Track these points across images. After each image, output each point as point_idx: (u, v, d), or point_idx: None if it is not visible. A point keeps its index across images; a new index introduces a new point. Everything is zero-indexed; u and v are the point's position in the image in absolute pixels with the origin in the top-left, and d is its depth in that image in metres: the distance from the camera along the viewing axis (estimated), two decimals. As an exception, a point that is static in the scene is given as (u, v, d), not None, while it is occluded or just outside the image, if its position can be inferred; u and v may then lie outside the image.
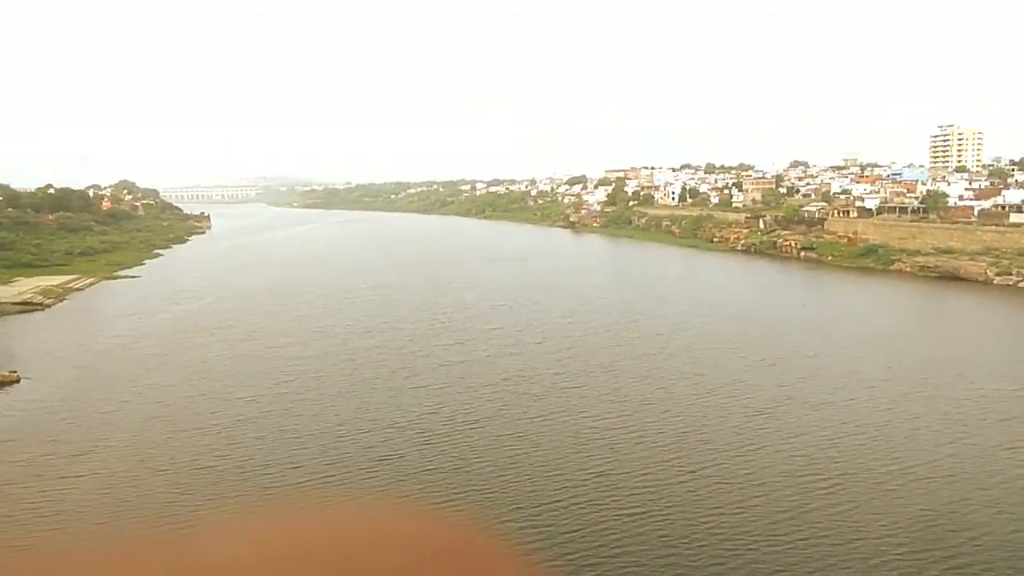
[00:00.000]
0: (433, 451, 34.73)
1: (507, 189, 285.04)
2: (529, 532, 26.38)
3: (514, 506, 28.53)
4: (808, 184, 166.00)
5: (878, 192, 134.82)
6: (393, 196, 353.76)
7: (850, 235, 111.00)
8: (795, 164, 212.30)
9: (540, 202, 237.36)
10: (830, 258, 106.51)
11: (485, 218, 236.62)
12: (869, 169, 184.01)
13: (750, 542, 25.27)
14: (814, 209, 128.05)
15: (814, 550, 24.73)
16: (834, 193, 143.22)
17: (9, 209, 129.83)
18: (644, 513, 27.53)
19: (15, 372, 49.37)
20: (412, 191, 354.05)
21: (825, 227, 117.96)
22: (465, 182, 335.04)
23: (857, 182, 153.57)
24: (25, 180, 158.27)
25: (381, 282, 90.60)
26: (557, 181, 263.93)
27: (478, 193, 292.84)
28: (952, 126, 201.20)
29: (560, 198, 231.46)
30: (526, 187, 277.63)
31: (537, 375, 47.38)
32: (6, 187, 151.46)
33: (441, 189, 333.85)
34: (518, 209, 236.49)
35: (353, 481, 31.55)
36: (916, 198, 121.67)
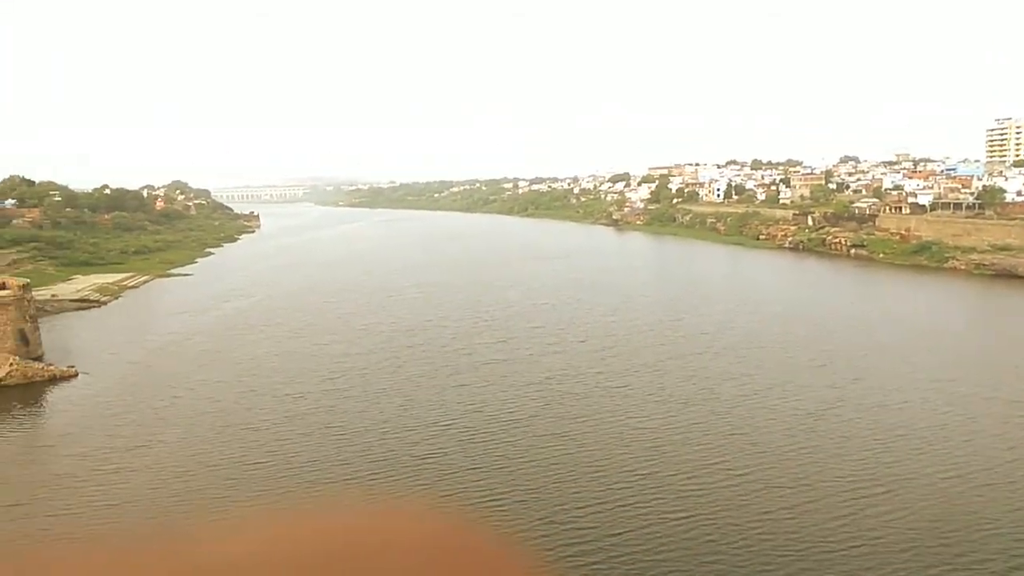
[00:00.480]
0: (477, 449, 34.79)
1: (549, 187, 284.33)
2: (573, 532, 26.23)
3: (558, 506, 28.40)
4: (859, 180, 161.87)
5: (931, 188, 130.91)
6: (436, 195, 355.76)
7: (902, 232, 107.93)
8: (845, 159, 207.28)
9: (583, 200, 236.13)
10: (881, 255, 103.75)
11: (528, 216, 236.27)
12: (922, 164, 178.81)
13: (802, 549, 24.71)
14: (865, 205, 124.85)
15: (868, 558, 24.06)
16: (886, 189, 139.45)
17: (67, 209, 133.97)
18: (691, 516, 27.14)
19: (73, 367, 50.98)
20: (455, 190, 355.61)
21: (876, 224, 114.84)
22: (508, 180, 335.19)
23: (909, 177, 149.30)
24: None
25: (425, 280, 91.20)
26: (600, 179, 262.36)
27: (520, 191, 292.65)
28: (1010, 119, 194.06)
29: (603, 196, 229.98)
30: (568, 185, 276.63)
31: (580, 374, 47.11)
32: (64, 188, 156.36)
33: (484, 188, 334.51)
34: (561, 207, 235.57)
35: (398, 478, 31.78)
36: (971, 194, 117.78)
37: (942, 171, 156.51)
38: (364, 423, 38.79)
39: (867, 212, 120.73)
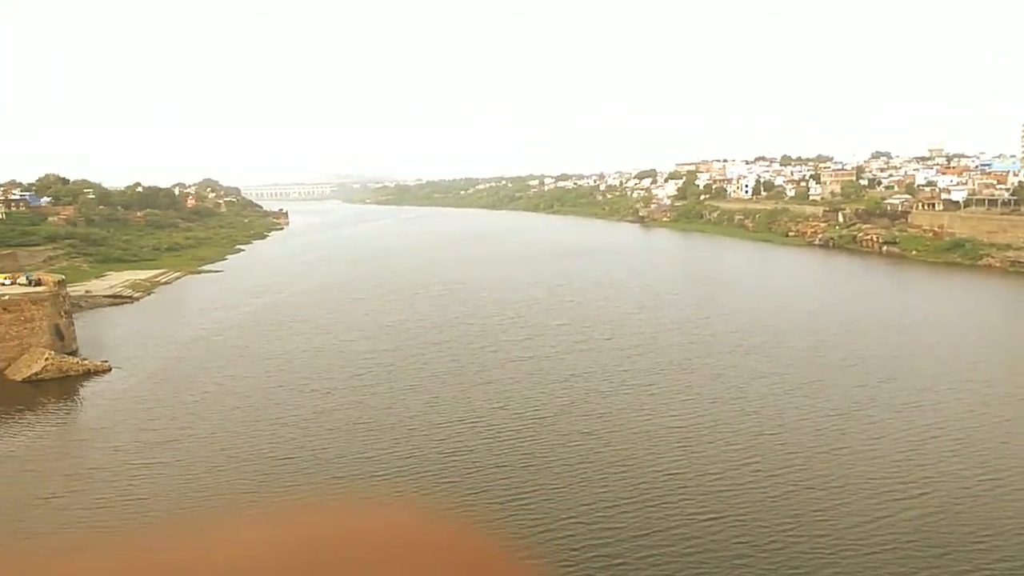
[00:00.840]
0: (502, 447, 34.80)
1: (575, 184, 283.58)
2: (600, 532, 26.12)
3: (585, 505, 28.31)
4: (891, 176, 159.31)
5: (965, 184, 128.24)
6: (462, 192, 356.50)
7: (935, 229, 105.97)
8: (876, 155, 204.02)
9: (609, 197, 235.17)
10: (914, 253, 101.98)
11: (553, 213, 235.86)
12: (956, 160, 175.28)
13: (831, 550, 24.37)
14: (897, 202, 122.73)
15: (902, 562, 23.66)
16: (918, 185, 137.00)
17: (101, 207, 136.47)
18: (720, 517, 26.88)
19: (106, 362, 51.92)
20: (480, 187, 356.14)
21: (909, 220, 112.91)
22: (534, 177, 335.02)
23: (943, 173, 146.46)
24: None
25: (450, 278, 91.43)
26: (626, 175, 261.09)
27: (546, 188, 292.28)
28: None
29: (629, 192, 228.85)
30: (594, 182, 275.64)
31: (606, 372, 46.91)
32: (98, 185, 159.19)
33: (509, 185, 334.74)
34: (586, 204, 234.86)
35: (424, 475, 31.91)
36: (1007, 190, 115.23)
37: (976, 167, 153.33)
38: (391, 419, 39.00)
39: (899, 209, 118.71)
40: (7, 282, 61.79)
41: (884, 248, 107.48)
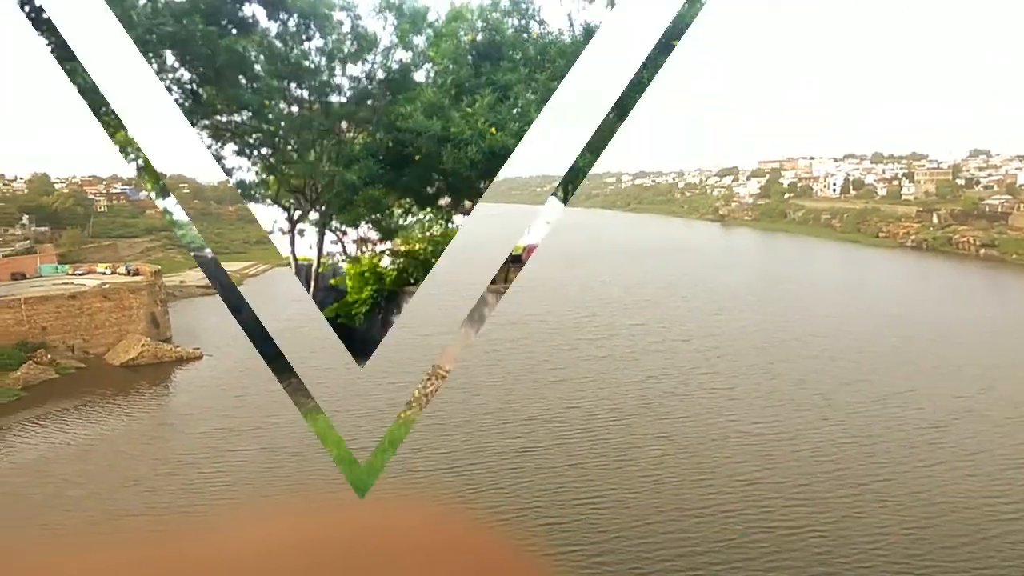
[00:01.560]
0: (575, 447, 34.60)
1: (653, 181, 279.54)
2: (673, 539, 25.61)
3: (658, 510, 27.83)
4: (990, 175, 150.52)
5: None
6: (538, 189, 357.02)
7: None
8: (975, 153, 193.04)
9: (688, 195, 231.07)
10: (1014, 256, 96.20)
11: (631, 211, 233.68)
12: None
13: (921, 568, 23.17)
14: (996, 203, 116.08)
15: (997, 584, 22.32)
16: (1020, 185, 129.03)
17: (195, 201, 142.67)
18: (799, 529, 25.94)
19: (198, 349, 54.26)
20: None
21: (1009, 222, 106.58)
22: (611, 175, 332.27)
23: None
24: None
25: (524, 275, 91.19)
26: (706, 173, 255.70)
27: (623, 186, 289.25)
28: None
29: (709, 191, 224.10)
30: (673, 179, 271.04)
31: (683, 374, 46.00)
32: (192, 180, 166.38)
33: (586, 182, 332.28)
34: (664, 202, 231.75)
35: (496, 471, 32.01)
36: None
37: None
38: (464, 414, 39.32)
39: (999, 210, 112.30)
40: (108, 271, 65.38)
41: (982, 251, 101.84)
